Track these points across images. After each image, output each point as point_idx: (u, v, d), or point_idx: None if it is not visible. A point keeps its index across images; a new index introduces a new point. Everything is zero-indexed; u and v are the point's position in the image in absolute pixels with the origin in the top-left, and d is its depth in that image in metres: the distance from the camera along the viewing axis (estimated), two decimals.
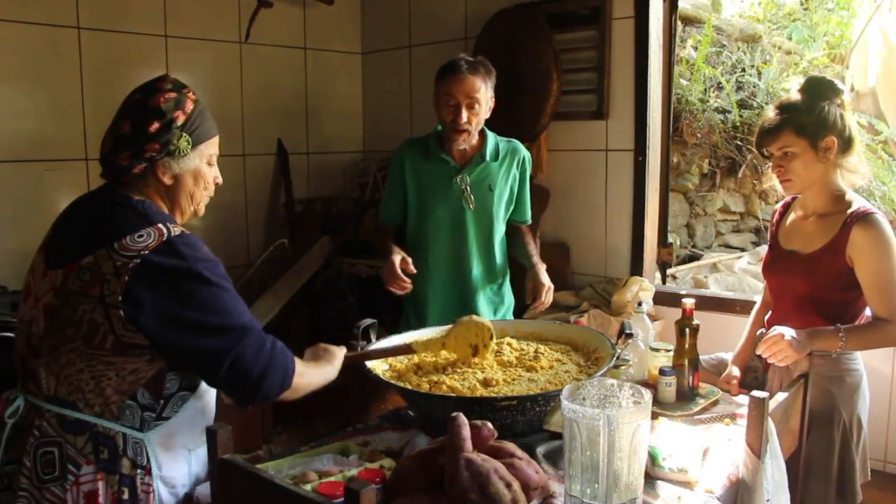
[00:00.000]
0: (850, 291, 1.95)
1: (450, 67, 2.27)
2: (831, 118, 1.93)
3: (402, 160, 2.42)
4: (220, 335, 1.33)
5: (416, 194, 2.41)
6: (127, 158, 1.38)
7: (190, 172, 1.45)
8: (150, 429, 1.39)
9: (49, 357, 1.36)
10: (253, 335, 1.36)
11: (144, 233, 1.34)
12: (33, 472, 1.34)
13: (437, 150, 2.36)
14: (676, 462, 1.45)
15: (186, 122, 1.41)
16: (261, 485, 1.24)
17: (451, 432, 1.23)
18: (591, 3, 3.03)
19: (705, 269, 4.69)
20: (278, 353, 1.39)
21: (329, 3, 3.68)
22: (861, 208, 1.93)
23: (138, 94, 1.42)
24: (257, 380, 1.35)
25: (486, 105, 2.29)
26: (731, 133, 4.93)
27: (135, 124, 1.38)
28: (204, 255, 1.37)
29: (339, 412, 2.99)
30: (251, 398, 1.37)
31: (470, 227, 2.37)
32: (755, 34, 5.38)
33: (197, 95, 1.47)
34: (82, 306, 1.32)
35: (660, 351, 1.94)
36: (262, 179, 3.58)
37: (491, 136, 2.40)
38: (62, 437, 1.34)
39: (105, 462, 1.35)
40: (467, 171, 2.35)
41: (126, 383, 1.35)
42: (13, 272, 2.74)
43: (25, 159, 2.77)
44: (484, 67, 2.28)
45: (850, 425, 1.96)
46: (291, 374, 1.41)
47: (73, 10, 2.84)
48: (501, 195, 2.40)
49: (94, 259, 1.32)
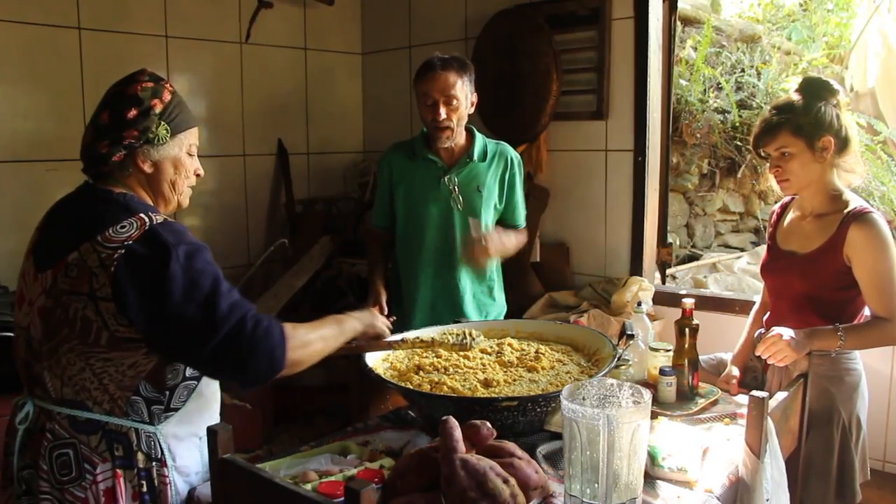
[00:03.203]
0: (848, 291, 1.95)
1: (424, 67, 2.27)
2: (828, 118, 1.94)
3: (389, 164, 2.43)
4: (199, 324, 1.30)
5: (404, 196, 2.40)
6: (106, 146, 1.38)
7: (170, 160, 1.45)
8: (160, 421, 1.40)
9: (50, 360, 1.36)
10: (233, 320, 1.31)
11: (127, 223, 1.33)
12: (51, 474, 1.35)
13: (424, 151, 2.36)
14: (676, 462, 1.46)
15: (164, 111, 1.42)
16: (261, 485, 1.24)
17: (444, 435, 1.23)
18: (590, 3, 3.04)
19: (705, 269, 4.69)
20: (260, 335, 1.33)
21: (329, 4, 3.68)
22: (858, 208, 1.94)
23: (116, 86, 1.44)
24: (240, 366, 1.32)
25: (465, 101, 2.28)
26: (731, 133, 4.94)
27: (113, 113, 1.39)
28: (187, 240, 1.35)
29: (339, 412, 3.00)
30: (242, 384, 1.35)
31: (458, 227, 2.36)
32: (754, 35, 5.39)
33: (175, 88, 1.48)
34: (74, 304, 1.32)
35: (659, 351, 1.94)
36: (262, 180, 3.59)
37: (479, 136, 2.40)
38: (75, 437, 1.35)
39: (121, 459, 1.36)
40: (455, 171, 2.35)
41: (127, 378, 1.35)
42: (13, 272, 2.71)
43: (26, 159, 2.77)
44: (458, 62, 2.27)
45: (850, 425, 1.96)
46: (281, 354, 1.35)
47: (73, 10, 2.85)
48: (490, 196, 2.39)
49: (80, 254, 1.32)
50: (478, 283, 2.45)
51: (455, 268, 2.39)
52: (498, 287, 2.54)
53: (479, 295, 2.46)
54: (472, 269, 2.39)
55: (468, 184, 2.36)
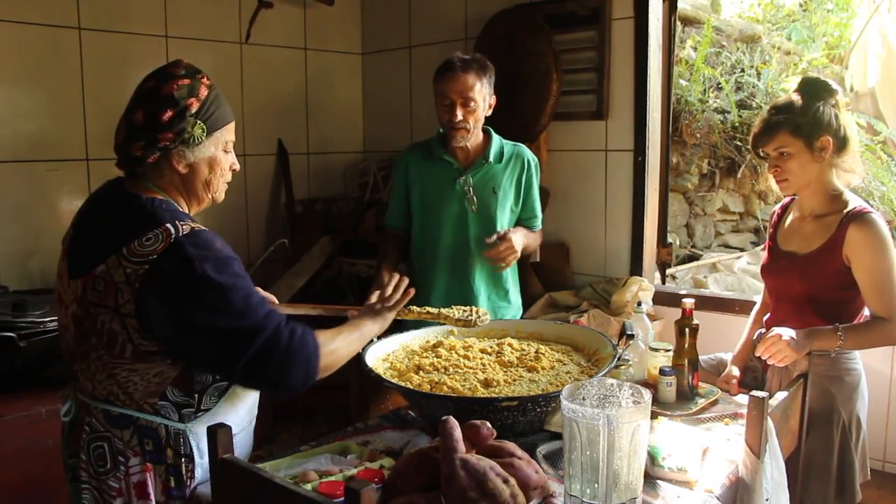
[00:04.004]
0: (847, 291, 1.96)
1: (444, 67, 2.26)
2: (826, 118, 1.94)
3: (406, 164, 2.43)
4: (231, 337, 1.30)
5: (420, 197, 2.40)
6: (140, 148, 1.36)
7: (205, 160, 1.43)
8: (191, 420, 1.41)
9: (82, 363, 1.40)
10: (266, 333, 1.32)
11: (152, 235, 1.31)
12: (89, 465, 1.40)
13: (440, 152, 2.36)
14: (676, 462, 1.46)
15: (200, 109, 1.38)
16: (261, 485, 1.24)
17: (444, 435, 1.23)
18: (590, 3, 3.04)
19: (705, 269, 4.70)
20: (297, 345, 1.34)
21: (329, 4, 3.69)
22: (857, 208, 1.94)
23: (151, 80, 1.40)
24: (276, 378, 1.34)
25: (483, 102, 2.27)
26: (731, 133, 4.94)
27: (147, 113, 1.35)
28: (214, 253, 1.32)
29: (339, 412, 2.99)
30: (276, 394, 1.37)
31: (472, 228, 2.35)
32: (754, 35, 5.39)
33: (211, 80, 1.44)
34: (101, 317, 1.33)
35: (659, 351, 1.94)
36: (262, 179, 3.59)
37: (496, 138, 2.39)
38: (110, 431, 1.39)
39: (150, 453, 1.39)
40: (470, 172, 2.34)
41: (153, 385, 1.36)
42: (14, 272, 2.74)
43: (26, 159, 2.77)
44: (478, 64, 2.25)
45: (850, 425, 1.96)
46: (315, 363, 1.37)
47: (73, 10, 2.85)
48: (505, 198, 2.38)
49: (107, 267, 1.32)
50: (492, 285, 2.43)
51: (469, 269, 2.37)
52: (514, 289, 2.51)
53: (493, 297, 2.44)
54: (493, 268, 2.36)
55: (484, 185, 2.35)
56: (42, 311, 2.31)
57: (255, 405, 1.57)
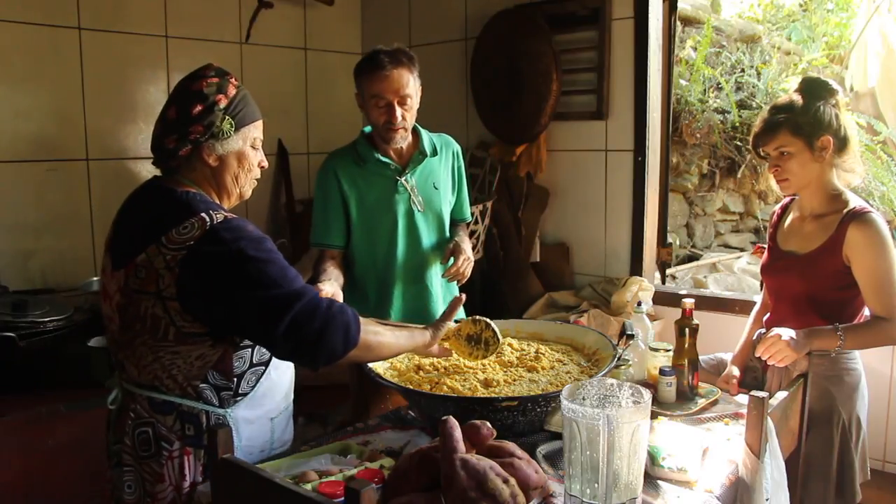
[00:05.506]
0: (847, 291, 1.96)
1: (370, 64, 2.06)
2: (827, 118, 1.94)
3: (335, 174, 2.18)
4: (271, 306, 1.35)
5: (358, 207, 2.19)
6: (174, 141, 1.45)
7: (234, 154, 1.51)
8: (230, 405, 1.49)
9: (127, 351, 1.46)
10: (305, 299, 1.37)
11: (188, 224, 1.39)
12: (133, 449, 1.47)
13: (372, 154, 2.17)
14: (676, 462, 1.46)
15: (229, 105, 1.47)
16: (261, 485, 1.24)
17: (444, 435, 1.23)
18: (590, 3, 3.04)
19: (705, 269, 4.70)
20: (336, 311, 1.40)
21: (329, 4, 3.69)
22: (857, 207, 1.94)
23: (184, 81, 1.50)
24: (316, 339, 1.37)
25: (416, 96, 2.12)
26: (731, 133, 4.95)
27: (179, 108, 1.45)
28: (247, 234, 1.40)
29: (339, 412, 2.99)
30: (316, 359, 1.39)
31: (422, 230, 2.22)
32: (754, 35, 5.40)
33: (240, 83, 1.52)
34: (144, 303, 1.40)
35: (659, 351, 1.94)
36: (262, 179, 3.50)
37: (423, 130, 2.24)
38: (153, 417, 1.46)
39: (191, 438, 1.46)
40: (410, 170, 2.19)
41: (195, 368, 1.44)
42: (14, 272, 2.74)
43: (26, 159, 2.77)
44: (406, 57, 2.09)
45: (850, 425, 1.96)
46: (356, 330, 1.42)
47: (73, 10, 2.85)
48: (445, 191, 2.27)
49: (147, 256, 1.38)
50: (446, 283, 2.31)
51: (424, 272, 2.25)
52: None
53: (447, 296, 2.33)
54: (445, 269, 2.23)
55: (425, 181, 2.22)
56: (42, 311, 2.31)
57: (291, 391, 1.64)
